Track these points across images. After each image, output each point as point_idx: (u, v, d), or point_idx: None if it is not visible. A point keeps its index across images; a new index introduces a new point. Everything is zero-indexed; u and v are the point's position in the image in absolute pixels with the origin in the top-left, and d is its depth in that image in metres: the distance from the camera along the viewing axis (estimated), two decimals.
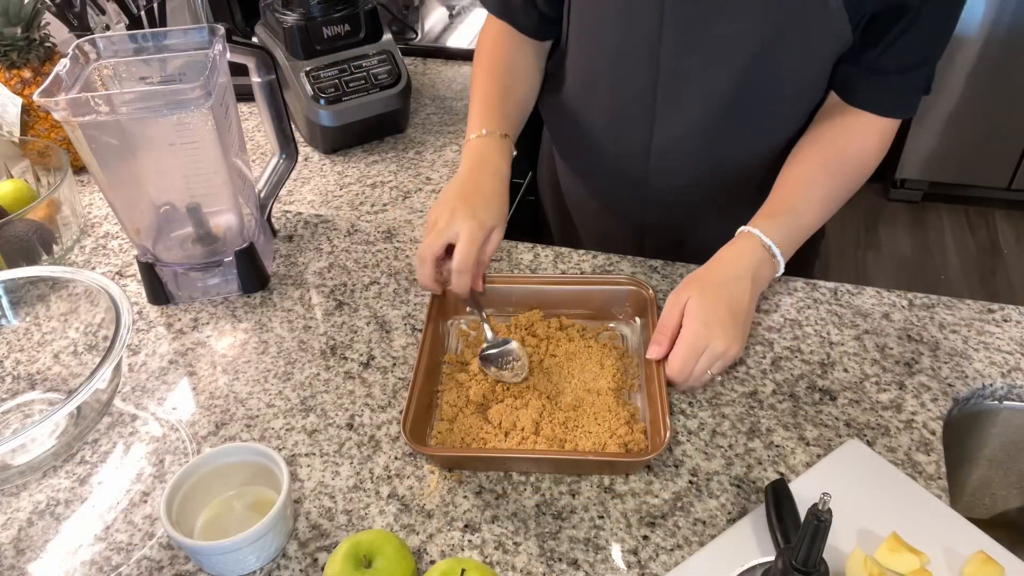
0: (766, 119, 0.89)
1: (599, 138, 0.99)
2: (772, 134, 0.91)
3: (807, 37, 0.80)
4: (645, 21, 0.84)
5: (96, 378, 0.66)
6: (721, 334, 0.74)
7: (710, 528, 0.66)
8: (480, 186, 0.85)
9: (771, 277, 0.82)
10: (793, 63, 0.83)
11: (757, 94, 0.85)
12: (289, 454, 0.73)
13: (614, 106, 0.94)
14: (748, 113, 0.87)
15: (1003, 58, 2.41)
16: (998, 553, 0.62)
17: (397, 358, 0.83)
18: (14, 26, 1.09)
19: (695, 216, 1.01)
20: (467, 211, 0.81)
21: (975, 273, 2.56)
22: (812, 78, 0.85)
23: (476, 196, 0.83)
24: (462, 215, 0.80)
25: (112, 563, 0.65)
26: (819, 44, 0.81)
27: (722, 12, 0.80)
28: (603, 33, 0.89)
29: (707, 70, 0.85)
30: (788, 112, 0.89)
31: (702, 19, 0.81)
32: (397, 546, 0.60)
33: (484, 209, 0.82)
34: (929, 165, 2.70)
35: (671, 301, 0.78)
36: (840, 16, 0.77)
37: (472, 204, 0.82)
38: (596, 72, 0.94)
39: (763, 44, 0.80)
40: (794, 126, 0.90)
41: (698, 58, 0.84)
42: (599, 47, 0.91)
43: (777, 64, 0.82)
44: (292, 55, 1.20)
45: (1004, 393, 0.79)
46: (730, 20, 0.80)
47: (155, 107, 0.76)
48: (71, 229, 1.01)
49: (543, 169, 1.23)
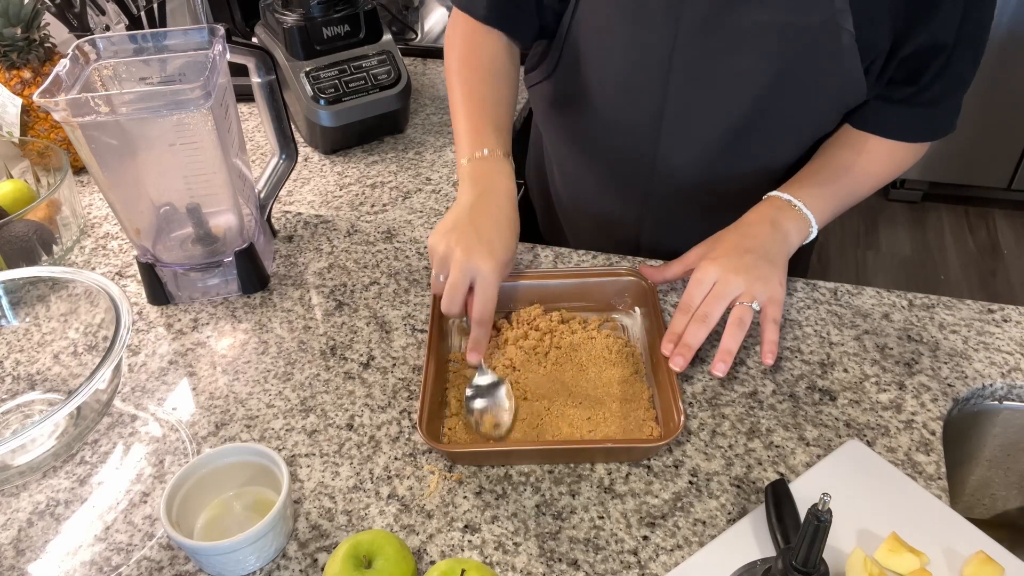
0: (771, 147, 0.90)
1: (600, 159, 0.98)
2: (775, 159, 0.92)
3: (818, 73, 0.79)
4: (656, 53, 0.83)
5: (96, 378, 0.66)
6: (746, 279, 0.74)
7: (710, 528, 0.66)
8: (492, 215, 0.78)
9: (801, 230, 0.80)
10: (803, 98, 0.83)
11: (764, 125, 0.85)
12: (289, 454, 0.73)
13: (619, 132, 0.93)
14: (754, 141, 0.88)
15: (1003, 58, 2.41)
16: (998, 553, 0.62)
17: (397, 358, 0.83)
18: (14, 26, 1.09)
19: (691, 232, 1.00)
20: (484, 249, 0.74)
21: (975, 273, 2.56)
22: (820, 111, 0.85)
23: (491, 228, 0.77)
24: (479, 254, 0.74)
25: (112, 563, 0.65)
26: (829, 81, 0.80)
27: (735, 48, 0.79)
28: (611, 62, 0.87)
29: (716, 103, 0.84)
30: (793, 141, 0.90)
31: (713, 54, 0.80)
32: (397, 546, 0.60)
33: (500, 243, 0.76)
34: (929, 165, 2.70)
35: (693, 276, 0.77)
36: (852, 54, 0.77)
37: (488, 238, 0.75)
38: (602, 98, 0.92)
39: (774, 79, 0.80)
40: (798, 152, 0.91)
41: (708, 92, 0.84)
42: (606, 74, 0.89)
43: (787, 98, 0.82)
44: (292, 55, 1.20)
45: (1004, 393, 0.79)
46: (742, 56, 0.79)
47: (155, 107, 0.76)
48: (71, 229, 1.01)
49: (531, 176, 1.22)
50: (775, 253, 0.78)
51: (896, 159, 0.87)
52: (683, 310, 0.76)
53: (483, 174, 0.81)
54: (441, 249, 0.76)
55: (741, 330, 0.73)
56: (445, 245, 0.76)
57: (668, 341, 0.75)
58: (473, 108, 0.86)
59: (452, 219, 0.78)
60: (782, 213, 0.80)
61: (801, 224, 0.80)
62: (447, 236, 0.76)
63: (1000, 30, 2.37)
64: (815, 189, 0.83)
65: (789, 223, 0.80)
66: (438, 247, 0.76)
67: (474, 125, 0.85)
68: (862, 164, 0.85)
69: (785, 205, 0.80)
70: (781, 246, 0.79)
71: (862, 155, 0.85)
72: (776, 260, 0.77)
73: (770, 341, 0.74)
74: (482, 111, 0.86)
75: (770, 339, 0.74)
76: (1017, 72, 2.43)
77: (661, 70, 0.84)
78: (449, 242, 0.75)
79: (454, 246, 0.75)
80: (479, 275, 0.74)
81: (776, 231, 0.79)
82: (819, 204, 0.81)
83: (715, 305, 0.74)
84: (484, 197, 0.79)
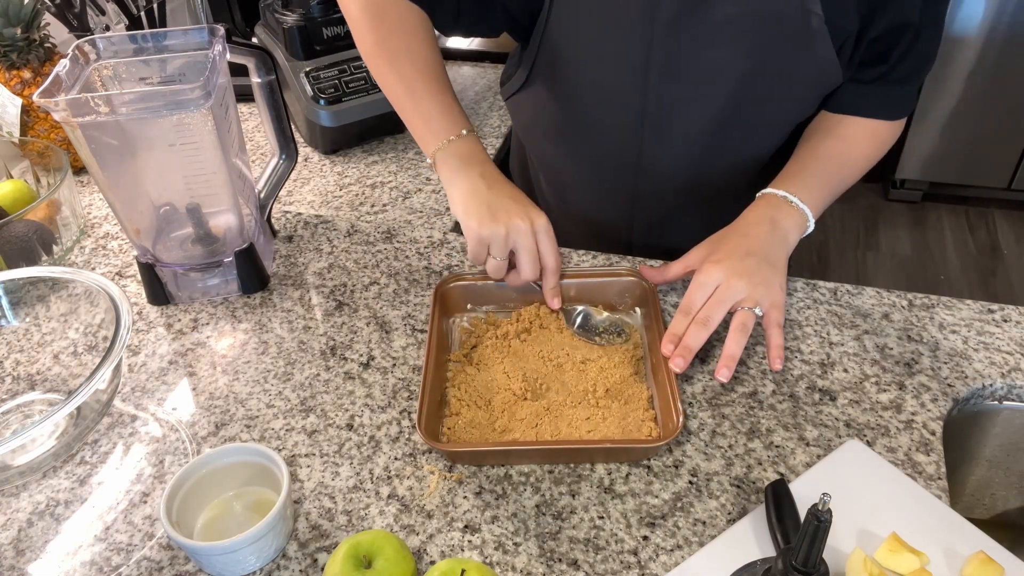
0: (753, 136, 0.91)
1: (585, 164, 0.98)
2: (759, 148, 0.92)
3: (793, 60, 0.80)
4: (633, 54, 0.83)
5: (96, 378, 0.66)
6: (748, 283, 0.74)
7: (710, 528, 0.66)
8: (507, 187, 0.80)
9: (799, 225, 0.81)
10: (780, 85, 0.84)
11: (745, 115, 0.86)
12: (289, 455, 0.73)
13: (602, 135, 0.93)
14: (736, 132, 0.88)
15: (1003, 58, 2.41)
16: (998, 553, 0.61)
17: (397, 358, 0.83)
18: (14, 26, 1.09)
19: (682, 228, 1.00)
20: (532, 210, 0.78)
21: (975, 273, 2.56)
22: (798, 97, 0.86)
23: (516, 195, 0.80)
24: (533, 215, 0.78)
25: (112, 563, 0.65)
26: (805, 66, 0.81)
27: (710, 42, 0.80)
28: (589, 67, 0.87)
29: (696, 98, 0.85)
30: (775, 128, 0.91)
31: (690, 50, 0.81)
32: (397, 547, 0.60)
33: (531, 204, 0.80)
34: (929, 165, 2.70)
35: (695, 278, 0.77)
36: (823, 37, 0.78)
37: (523, 202, 0.79)
38: (582, 103, 0.92)
39: (751, 69, 0.81)
40: (781, 138, 0.92)
41: (687, 87, 0.84)
42: (584, 78, 0.89)
43: (765, 87, 0.83)
44: (292, 55, 1.20)
45: (1004, 393, 0.79)
46: (718, 49, 0.80)
47: (155, 107, 0.76)
48: (71, 229, 1.01)
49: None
50: (776, 255, 0.78)
51: (878, 139, 0.88)
52: (684, 312, 0.76)
53: (471, 154, 0.81)
54: (496, 231, 0.77)
55: (744, 335, 0.73)
56: (497, 226, 0.77)
57: (668, 342, 0.75)
58: (432, 87, 0.83)
59: (479, 204, 0.78)
60: (779, 211, 0.80)
61: (799, 220, 0.81)
62: (495, 219, 0.77)
63: (1000, 30, 2.37)
64: (807, 181, 0.83)
65: (787, 220, 0.80)
66: (493, 232, 0.77)
67: (436, 106, 0.83)
68: (847, 149, 0.86)
69: (781, 202, 0.81)
70: (781, 247, 0.79)
71: (845, 140, 0.86)
72: (777, 263, 0.77)
73: (777, 346, 0.74)
74: (443, 92, 0.84)
75: (777, 344, 0.74)
76: (1017, 72, 2.43)
77: (639, 70, 0.84)
78: (499, 222, 0.77)
79: (509, 221, 0.77)
80: (540, 230, 0.78)
81: (775, 231, 0.79)
82: (812, 196, 0.82)
83: (717, 309, 0.74)
84: (488, 176, 0.80)
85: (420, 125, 0.84)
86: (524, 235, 0.77)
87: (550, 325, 0.84)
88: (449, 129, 0.82)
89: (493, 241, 0.78)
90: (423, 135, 0.84)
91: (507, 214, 0.77)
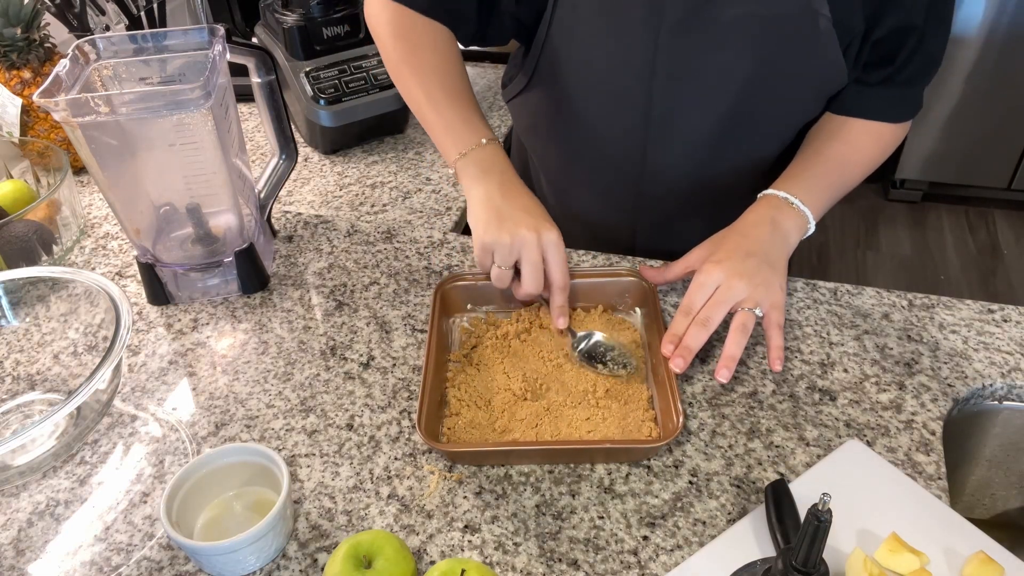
0: (758, 138, 0.90)
1: (588, 167, 0.98)
2: (763, 150, 0.92)
3: (799, 61, 0.80)
4: (638, 57, 0.83)
5: (96, 378, 0.66)
6: (748, 284, 0.74)
7: (710, 528, 0.66)
8: (522, 197, 0.79)
9: (800, 226, 0.80)
10: (786, 87, 0.83)
11: (750, 117, 0.86)
12: (289, 455, 0.73)
13: (606, 138, 0.93)
14: (741, 134, 0.88)
15: (1003, 58, 2.41)
16: (998, 553, 0.61)
17: (397, 358, 0.83)
18: (14, 26, 1.09)
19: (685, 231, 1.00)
20: (543, 224, 0.77)
21: (975, 273, 2.56)
22: (804, 99, 0.86)
23: (531, 206, 0.79)
24: (542, 228, 0.76)
25: (112, 564, 0.65)
26: (811, 67, 0.81)
27: (716, 43, 0.80)
28: (594, 69, 0.87)
29: (702, 100, 0.85)
30: (780, 130, 0.91)
31: (696, 51, 0.81)
32: (397, 547, 0.60)
33: (545, 217, 0.78)
34: (929, 165, 2.70)
35: (695, 278, 0.77)
36: (830, 39, 0.78)
37: (536, 214, 0.78)
38: (586, 106, 0.91)
39: (756, 70, 0.81)
40: (785, 141, 0.92)
41: (693, 90, 0.84)
42: (589, 81, 0.89)
43: (770, 88, 0.83)
44: (292, 55, 1.20)
45: (1004, 393, 0.79)
46: (724, 50, 0.80)
47: (155, 107, 0.76)
48: (71, 229, 1.01)
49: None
50: (776, 256, 0.78)
51: (882, 142, 0.87)
52: (684, 312, 0.76)
53: (491, 163, 0.81)
54: (501, 239, 0.76)
55: (744, 336, 0.73)
56: (503, 235, 0.76)
57: (668, 342, 0.75)
58: (452, 95, 0.84)
59: (488, 212, 0.78)
60: (780, 212, 0.80)
61: (799, 221, 0.81)
62: (501, 227, 0.76)
63: (1000, 30, 2.37)
64: (809, 183, 0.83)
65: (788, 221, 0.80)
66: (497, 240, 0.76)
67: (458, 113, 0.83)
68: (850, 151, 0.86)
69: (783, 203, 0.81)
70: (782, 248, 0.79)
71: (849, 143, 0.86)
72: (777, 264, 0.77)
73: (777, 347, 0.74)
74: (465, 100, 0.85)
75: (777, 345, 0.74)
76: (1017, 72, 2.43)
77: (645, 73, 0.84)
78: (505, 230, 0.76)
79: (515, 231, 0.76)
80: (550, 245, 0.77)
81: (776, 232, 0.79)
82: (814, 198, 0.82)
83: (717, 309, 0.74)
84: (505, 185, 0.80)
85: (442, 135, 0.84)
86: (529, 246, 0.76)
87: (550, 325, 0.84)
88: (470, 138, 0.82)
89: (497, 249, 0.77)
90: (445, 145, 0.84)
91: (514, 223, 0.76)
